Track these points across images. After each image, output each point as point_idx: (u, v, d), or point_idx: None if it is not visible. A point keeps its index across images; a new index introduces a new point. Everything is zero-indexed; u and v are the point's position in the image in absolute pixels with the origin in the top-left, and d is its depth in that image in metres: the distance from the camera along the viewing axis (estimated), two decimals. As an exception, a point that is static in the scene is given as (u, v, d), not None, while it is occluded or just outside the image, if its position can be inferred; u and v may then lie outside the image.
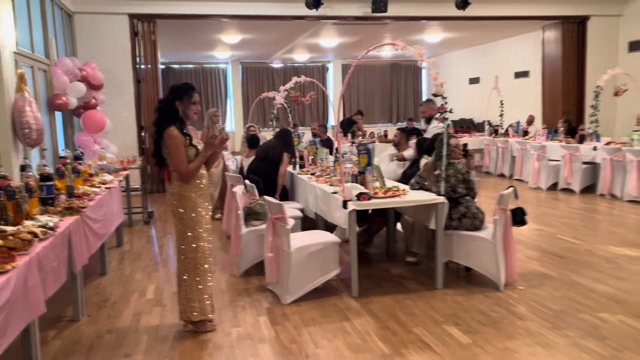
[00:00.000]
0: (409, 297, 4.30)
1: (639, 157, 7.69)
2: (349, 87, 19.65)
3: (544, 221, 6.95)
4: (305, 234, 4.67)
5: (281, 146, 6.38)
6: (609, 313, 3.85)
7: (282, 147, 6.36)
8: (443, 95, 4.49)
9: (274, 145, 6.48)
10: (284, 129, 6.89)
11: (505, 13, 11.07)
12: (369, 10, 10.38)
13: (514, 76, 14.93)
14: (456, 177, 4.68)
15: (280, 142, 6.48)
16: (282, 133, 6.69)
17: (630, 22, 11.42)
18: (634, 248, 5.52)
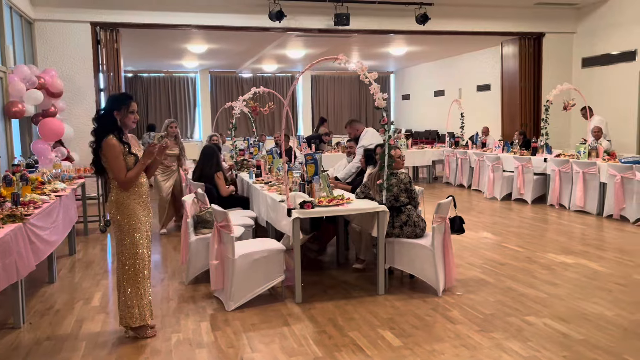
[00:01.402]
0: (350, 303, 4.44)
1: (584, 168, 8.02)
2: (317, 99, 19.89)
3: (493, 230, 7.19)
4: (250, 241, 4.78)
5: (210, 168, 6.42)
6: (535, 316, 4.05)
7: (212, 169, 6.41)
8: (384, 108, 4.62)
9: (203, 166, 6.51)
10: (206, 146, 6.89)
11: (464, 28, 11.43)
12: (332, 23, 10.61)
13: (476, 89, 15.36)
14: (399, 187, 4.85)
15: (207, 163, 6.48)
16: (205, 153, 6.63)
17: (583, 39, 11.90)
18: (571, 255, 5.78)
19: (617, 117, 10.73)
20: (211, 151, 6.59)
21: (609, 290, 4.61)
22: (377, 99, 4.60)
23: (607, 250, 5.97)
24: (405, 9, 10.74)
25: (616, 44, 10.97)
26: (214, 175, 6.33)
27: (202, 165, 6.48)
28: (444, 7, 10.93)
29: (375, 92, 4.59)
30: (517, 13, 11.59)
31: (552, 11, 11.74)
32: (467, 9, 11.18)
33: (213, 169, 6.40)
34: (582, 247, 6.14)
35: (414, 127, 18.48)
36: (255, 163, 7.19)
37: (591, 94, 11.24)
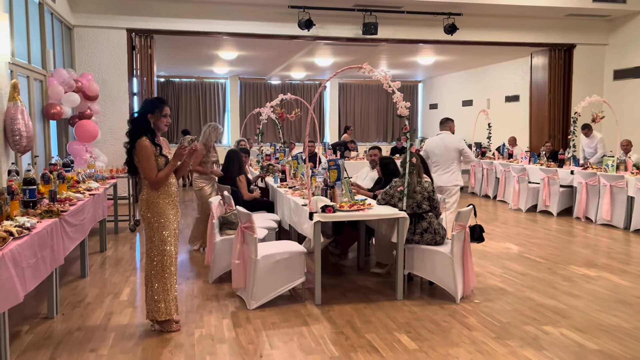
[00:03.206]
0: (368, 307, 4.53)
1: (611, 182, 7.94)
2: (344, 106, 20.03)
3: (516, 241, 7.17)
4: (273, 243, 4.92)
5: (233, 171, 6.56)
6: (552, 326, 4.07)
7: (234, 172, 6.56)
8: (407, 116, 4.72)
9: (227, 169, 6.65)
10: (230, 150, 6.96)
11: (493, 39, 11.42)
12: (360, 32, 10.75)
13: (504, 100, 15.26)
14: (422, 195, 4.93)
15: (231, 166, 6.60)
16: (229, 156, 6.74)
17: (616, 51, 11.75)
18: (593, 268, 5.74)
19: (648, 130, 10.56)
20: (234, 155, 6.76)
21: (629, 304, 4.59)
22: (399, 107, 4.69)
23: (631, 265, 5.91)
24: (433, 18, 10.80)
25: (649, 57, 10.82)
26: (236, 178, 6.50)
27: (226, 168, 6.66)
28: (472, 18, 10.96)
29: (398, 100, 4.69)
30: (547, 24, 11.52)
31: (583, 22, 11.63)
32: (496, 19, 11.18)
33: (235, 172, 6.57)
34: (605, 261, 6.09)
35: (441, 136, 18.42)
36: (280, 168, 7.35)
37: (623, 106, 11.11)
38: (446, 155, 6.54)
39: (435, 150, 6.63)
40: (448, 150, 6.54)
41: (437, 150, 6.60)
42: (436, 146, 6.64)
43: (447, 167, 6.55)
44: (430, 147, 6.70)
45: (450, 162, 6.55)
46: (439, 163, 6.59)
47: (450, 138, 6.65)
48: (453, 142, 6.60)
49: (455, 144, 6.59)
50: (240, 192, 6.48)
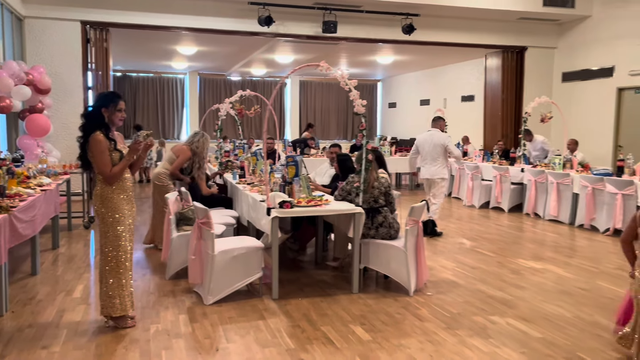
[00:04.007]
0: (324, 300, 4.61)
1: (558, 179, 8.30)
2: (305, 104, 20.10)
3: (469, 236, 7.41)
4: (230, 239, 4.94)
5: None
6: (499, 316, 4.26)
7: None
8: (364, 114, 4.82)
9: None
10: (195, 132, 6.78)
11: (449, 40, 11.71)
12: (320, 30, 10.82)
13: (461, 99, 15.66)
14: (379, 189, 5.05)
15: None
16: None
17: (564, 54, 12.25)
18: (540, 261, 6.01)
19: (594, 130, 11.08)
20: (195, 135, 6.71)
21: (572, 295, 4.84)
22: (356, 105, 4.79)
23: (575, 258, 6.22)
24: (392, 19, 10.99)
25: (595, 60, 11.32)
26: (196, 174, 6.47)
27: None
28: (429, 19, 11.21)
29: (354, 98, 4.78)
30: (501, 27, 11.90)
31: (534, 26, 12.07)
32: (452, 20, 11.46)
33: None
34: (551, 254, 6.38)
35: (399, 134, 18.73)
36: (239, 164, 7.34)
37: (570, 107, 11.60)
38: (433, 150, 7.28)
39: (424, 145, 7.38)
40: (435, 146, 7.27)
41: (426, 146, 7.35)
42: (425, 142, 7.39)
43: (434, 161, 7.30)
44: (420, 142, 7.47)
45: (437, 157, 7.28)
46: (427, 157, 7.34)
47: (438, 135, 7.37)
48: (440, 139, 7.32)
49: (442, 141, 7.31)
50: (198, 188, 6.44)
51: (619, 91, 10.78)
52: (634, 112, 10.53)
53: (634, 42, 10.24)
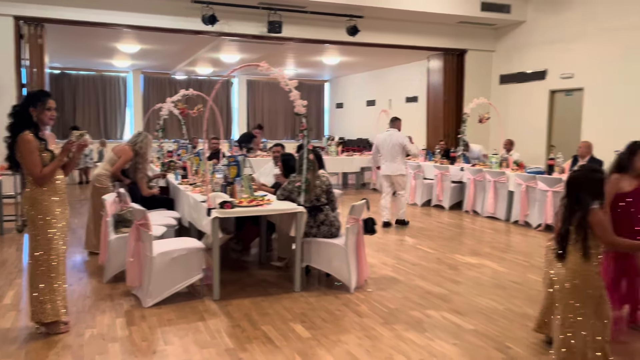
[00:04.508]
0: (266, 300, 4.63)
1: (495, 177, 8.65)
2: (253, 104, 20.00)
3: (410, 233, 7.61)
4: (170, 240, 4.87)
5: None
6: (435, 310, 4.41)
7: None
8: (304, 114, 4.87)
9: None
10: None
11: (392, 42, 11.94)
12: (265, 30, 10.80)
13: (405, 100, 16.01)
14: (321, 188, 5.12)
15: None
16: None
17: (501, 57, 12.75)
18: (476, 257, 6.25)
19: (529, 130, 11.58)
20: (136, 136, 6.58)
21: (504, 288, 5.07)
22: (296, 105, 4.83)
23: (509, 253, 6.50)
24: (336, 20, 11.11)
25: (529, 64, 11.85)
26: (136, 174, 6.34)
27: None
28: (373, 21, 11.40)
29: (294, 99, 4.82)
30: (442, 30, 12.25)
31: (473, 30, 12.50)
32: (395, 23, 11.70)
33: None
34: (487, 250, 6.64)
35: (347, 134, 18.95)
36: (182, 165, 7.24)
37: (507, 108, 12.09)
38: (393, 149, 7.85)
39: (384, 144, 7.94)
40: (394, 145, 7.85)
41: (386, 145, 7.91)
42: (385, 141, 7.95)
43: (393, 159, 7.88)
44: (379, 141, 8.02)
45: (396, 155, 7.86)
46: (386, 155, 7.90)
47: (397, 134, 7.95)
48: (398, 138, 7.90)
49: (400, 140, 7.90)
50: (139, 189, 6.31)
51: (551, 93, 11.33)
52: (565, 114, 11.10)
53: (564, 47, 10.79)
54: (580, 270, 3.07)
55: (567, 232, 3.10)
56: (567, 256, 3.09)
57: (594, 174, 3.18)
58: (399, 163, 7.88)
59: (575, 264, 3.07)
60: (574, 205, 3.09)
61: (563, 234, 3.11)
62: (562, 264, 3.12)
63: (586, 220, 3.03)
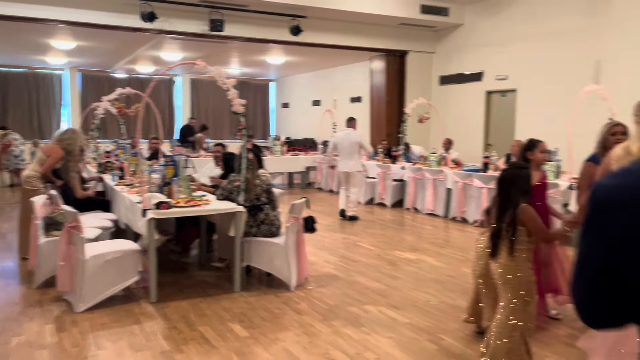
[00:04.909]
0: (205, 301, 4.58)
1: (434, 176, 8.91)
2: (197, 103, 19.67)
3: (353, 231, 7.72)
4: (104, 242, 4.74)
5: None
6: (373, 305, 4.50)
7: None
8: (242, 113, 4.85)
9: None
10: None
11: (335, 42, 12.05)
12: (207, 28, 10.65)
13: (349, 100, 16.20)
14: (261, 187, 5.12)
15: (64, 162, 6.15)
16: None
17: (441, 59, 13.13)
18: (414, 252, 6.42)
19: (467, 130, 11.98)
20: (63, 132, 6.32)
21: (440, 282, 5.23)
22: (234, 104, 4.81)
23: (446, 248, 6.72)
24: (279, 19, 11.10)
25: (467, 65, 12.25)
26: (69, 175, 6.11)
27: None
28: (316, 21, 11.46)
29: (232, 97, 4.79)
30: (384, 31, 12.47)
31: (414, 32, 12.79)
32: (338, 23, 11.82)
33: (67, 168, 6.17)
34: (426, 245, 6.83)
35: (293, 134, 18.98)
36: (119, 165, 7.05)
37: (447, 109, 12.46)
38: (350, 147, 8.38)
39: (342, 143, 8.47)
40: (352, 144, 8.39)
41: (344, 143, 8.44)
42: (343, 140, 8.49)
43: (351, 157, 8.40)
44: (337, 140, 8.57)
45: (353, 153, 8.40)
46: (344, 153, 8.42)
47: (354, 134, 8.51)
48: (355, 137, 8.47)
49: (357, 139, 8.47)
50: (72, 190, 6.09)
51: (488, 94, 11.77)
52: (500, 114, 11.56)
53: (499, 50, 11.24)
54: (514, 265, 3.19)
55: (500, 229, 3.21)
56: (501, 253, 3.21)
57: (521, 171, 3.33)
58: (356, 160, 8.44)
59: (509, 259, 3.19)
60: (506, 202, 3.21)
61: (496, 231, 3.23)
62: (496, 261, 3.23)
63: (517, 217, 3.16)
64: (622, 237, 0.93)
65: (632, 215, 0.92)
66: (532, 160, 4.08)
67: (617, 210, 0.94)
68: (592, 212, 0.99)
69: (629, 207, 0.92)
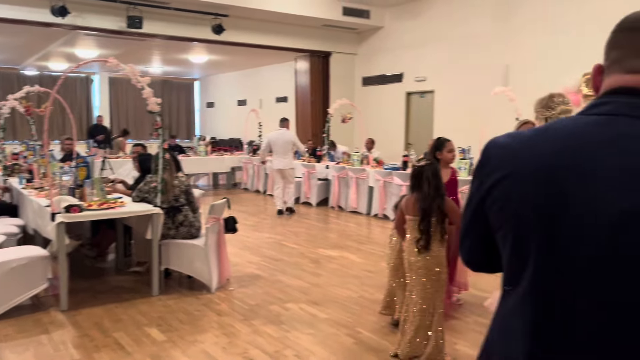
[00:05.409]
0: (121, 306, 4.43)
1: (357, 174, 9.11)
2: (117, 102, 18.93)
3: (277, 230, 7.74)
4: (8, 249, 4.47)
5: None
6: (294, 303, 4.54)
7: None
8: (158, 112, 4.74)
9: None
10: None
11: (259, 42, 12.01)
12: (124, 25, 10.28)
13: (275, 100, 16.21)
14: (180, 188, 5.02)
15: None
16: None
17: (363, 60, 13.43)
18: (336, 249, 6.54)
19: (389, 130, 12.33)
20: None
21: (359, 277, 5.36)
22: (149, 103, 4.68)
23: (367, 244, 6.89)
24: (201, 17, 10.91)
25: (388, 67, 12.62)
26: None
27: None
28: (239, 20, 11.38)
29: (147, 96, 4.67)
30: (307, 32, 12.58)
31: (337, 33, 12.99)
32: (262, 23, 11.79)
33: None
34: (348, 242, 6.98)
35: (218, 134, 18.72)
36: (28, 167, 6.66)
37: (369, 109, 12.76)
38: (284, 145, 8.85)
39: (277, 141, 8.86)
40: (286, 142, 8.88)
41: (279, 142, 8.85)
42: (277, 139, 8.89)
43: (285, 155, 8.87)
44: (272, 139, 8.94)
45: (287, 151, 8.90)
46: (279, 152, 8.85)
47: (288, 133, 9.04)
48: (289, 137, 9.02)
49: (290, 138, 9.03)
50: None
51: (408, 95, 12.18)
52: (420, 114, 12.00)
53: (418, 52, 11.67)
54: (436, 255, 3.33)
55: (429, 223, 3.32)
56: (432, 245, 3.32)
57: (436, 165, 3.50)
58: (290, 158, 8.99)
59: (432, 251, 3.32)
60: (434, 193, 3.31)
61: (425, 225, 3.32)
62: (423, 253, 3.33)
63: (442, 209, 3.31)
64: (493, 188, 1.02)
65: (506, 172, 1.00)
66: (441, 159, 4.27)
67: (497, 166, 1.02)
68: (479, 162, 1.08)
69: (505, 166, 1.00)
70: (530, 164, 0.96)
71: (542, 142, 0.97)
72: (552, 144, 0.96)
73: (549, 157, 0.94)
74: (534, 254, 0.95)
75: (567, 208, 0.91)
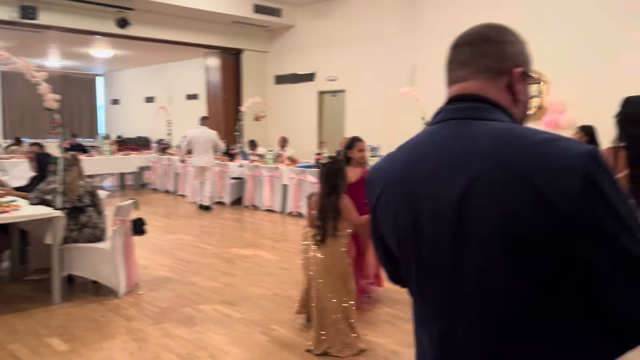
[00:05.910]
0: (17, 316, 4.13)
1: (270, 173, 9.10)
2: (9, 99, 17.52)
3: (189, 231, 7.55)
4: None
5: None
6: (207, 304, 4.46)
7: None
8: (56, 109, 4.46)
9: None
10: None
11: (166, 37, 11.61)
12: (16, 15, 9.53)
13: (186, 97, 15.78)
14: (85, 188, 4.76)
15: None
16: None
17: (275, 58, 13.42)
18: (251, 248, 6.51)
19: (302, 128, 12.43)
20: None
21: (274, 275, 5.38)
22: (46, 100, 4.39)
23: (281, 242, 6.92)
24: (104, 10, 10.38)
25: (300, 66, 12.70)
26: None
27: None
28: (145, 14, 10.94)
29: (44, 93, 4.38)
30: (218, 28, 12.35)
31: (248, 30, 12.88)
32: (170, 18, 11.41)
33: None
34: (262, 241, 6.97)
35: (125, 132, 17.89)
36: None
37: (282, 107, 12.80)
38: (205, 144, 9.18)
39: (197, 139, 9.17)
40: (207, 140, 9.22)
41: (200, 140, 9.16)
42: (198, 137, 9.19)
43: (206, 152, 9.21)
44: (193, 137, 9.21)
45: (208, 149, 9.25)
46: (199, 150, 9.14)
47: (208, 132, 9.33)
48: (210, 135, 9.33)
49: (211, 136, 9.33)
50: None
51: (320, 94, 12.34)
52: (332, 113, 12.20)
53: (329, 52, 11.85)
54: (333, 250, 3.44)
55: (326, 218, 3.43)
56: (327, 240, 3.43)
57: (341, 164, 3.61)
58: (210, 156, 9.30)
59: (330, 246, 3.43)
60: (332, 191, 3.44)
61: (322, 221, 3.43)
62: (322, 248, 3.44)
63: (338, 205, 3.41)
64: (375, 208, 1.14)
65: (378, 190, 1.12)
66: (351, 158, 4.38)
67: (372, 186, 1.15)
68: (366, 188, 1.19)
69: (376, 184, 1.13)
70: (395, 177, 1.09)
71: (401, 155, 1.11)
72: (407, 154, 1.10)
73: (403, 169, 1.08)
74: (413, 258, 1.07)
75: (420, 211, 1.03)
